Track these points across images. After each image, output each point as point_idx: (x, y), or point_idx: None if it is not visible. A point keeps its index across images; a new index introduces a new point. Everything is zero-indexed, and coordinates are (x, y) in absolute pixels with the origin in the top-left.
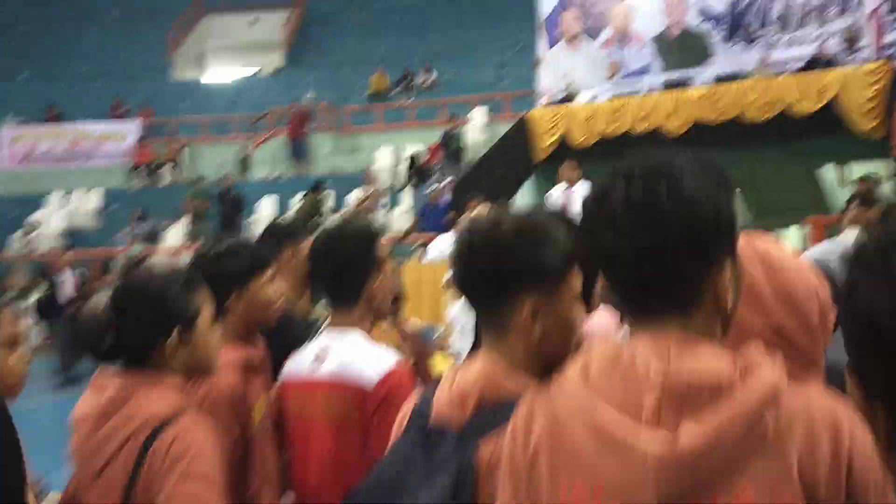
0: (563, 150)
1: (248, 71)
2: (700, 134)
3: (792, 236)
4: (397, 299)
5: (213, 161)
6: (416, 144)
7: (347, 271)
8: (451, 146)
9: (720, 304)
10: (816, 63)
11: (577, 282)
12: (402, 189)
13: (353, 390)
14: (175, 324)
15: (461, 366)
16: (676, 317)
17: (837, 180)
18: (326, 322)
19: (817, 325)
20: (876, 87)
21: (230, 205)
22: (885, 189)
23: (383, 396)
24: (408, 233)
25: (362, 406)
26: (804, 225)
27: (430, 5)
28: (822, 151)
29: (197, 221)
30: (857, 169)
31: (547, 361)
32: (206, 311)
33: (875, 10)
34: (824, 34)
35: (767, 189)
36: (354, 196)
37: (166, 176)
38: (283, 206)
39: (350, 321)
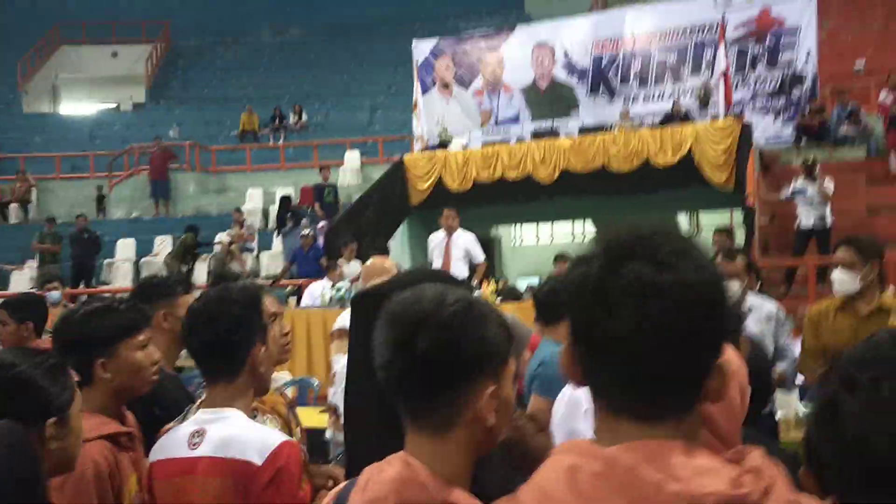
0: (439, 195)
1: (107, 106)
2: (569, 181)
3: None
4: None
5: (66, 200)
6: (287, 187)
7: (226, 342)
8: (325, 199)
9: (710, 401)
10: (673, 118)
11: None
12: (272, 232)
13: (237, 470)
14: (48, 417)
15: (375, 467)
16: (674, 419)
17: (691, 228)
18: (203, 397)
19: (739, 410)
20: (727, 141)
21: (85, 246)
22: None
23: (271, 477)
24: (278, 278)
25: (247, 488)
26: None
27: (302, 45)
28: (681, 200)
29: (46, 264)
30: (709, 217)
31: (479, 456)
32: (77, 395)
33: (725, 71)
34: (679, 91)
35: None
36: (220, 238)
37: (14, 215)
38: (141, 249)
39: (228, 397)
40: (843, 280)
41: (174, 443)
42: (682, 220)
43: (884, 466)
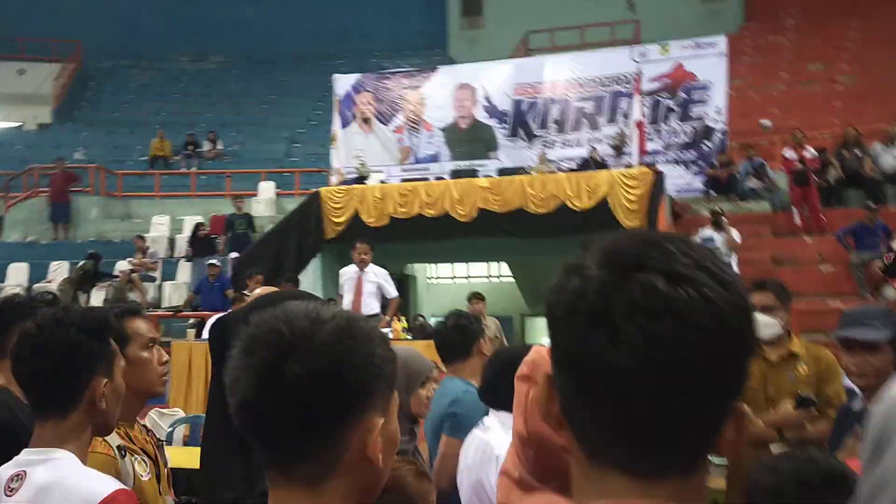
0: (355, 229)
1: (10, 125)
2: (486, 221)
3: None
4: None
5: None
6: (196, 216)
7: (59, 372)
8: (236, 229)
9: (724, 455)
10: (589, 164)
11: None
12: (177, 261)
13: None
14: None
15: None
16: (678, 477)
17: None
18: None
19: None
20: (640, 189)
21: None
22: None
23: None
24: (180, 309)
25: None
26: None
27: (221, 72)
28: None
29: None
30: None
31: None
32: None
33: (639, 121)
34: (595, 138)
35: (546, 276)
36: (121, 266)
37: None
38: (35, 274)
39: (59, 436)
40: (767, 323)
41: None
42: None
43: None
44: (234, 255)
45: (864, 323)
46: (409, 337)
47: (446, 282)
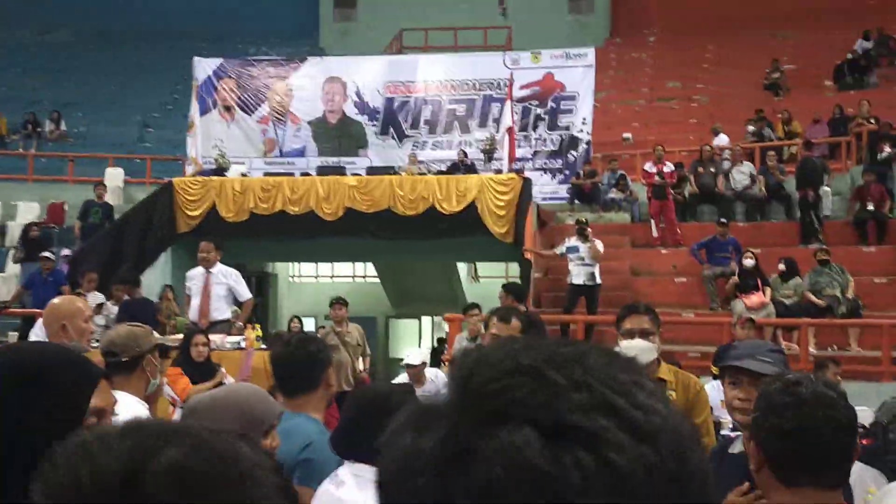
0: (211, 224)
1: None
2: (353, 221)
3: (426, 326)
4: None
5: None
6: (32, 202)
7: None
8: (91, 217)
9: None
10: (459, 167)
11: None
12: (7, 251)
13: None
14: None
15: None
16: None
17: (470, 276)
18: None
19: None
20: (508, 195)
21: None
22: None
23: None
24: (7, 305)
25: None
26: (444, 320)
27: (68, 47)
28: (463, 249)
29: None
30: (490, 268)
31: None
32: None
33: (510, 128)
34: (466, 142)
35: (412, 278)
36: None
37: None
38: None
39: None
40: (643, 348)
41: None
42: (462, 268)
43: None
44: (65, 251)
45: (757, 357)
46: (262, 346)
47: (309, 280)
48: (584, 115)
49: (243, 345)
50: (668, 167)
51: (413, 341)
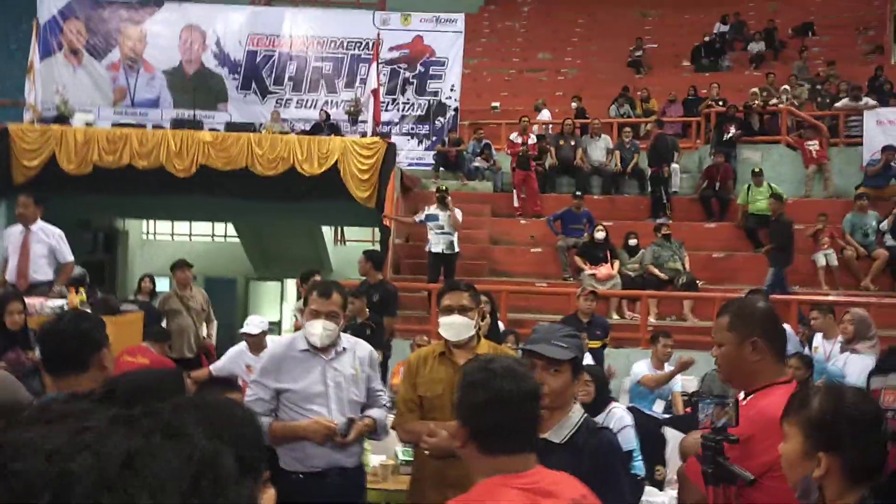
0: (51, 176)
1: None
2: (208, 178)
3: (290, 290)
4: None
5: None
6: None
7: None
8: None
9: None
10: (321, 128)
11: None
12: None
13: None
14: None
15: None
16: None
17: (335, 239)
18: None
19: None
20: (371, 159)
21: None
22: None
23: None
24: None
25: None
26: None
27: None
28: (325, 212)
29: None
30: (355, 232)
31: None
32: None
33: (376, 89)
34: (332, 101)
35: (274, 240)
36: None
37: None
38: None
39: None
40: (458, 325)
41: None
42: (328, 231)
43: None
44: None
45: (552, 342)
46: (88, 310)
47: (165, 239)
48: (453, 81)
49: (66, 308)
50: (532, 139)
51: (275, 304)
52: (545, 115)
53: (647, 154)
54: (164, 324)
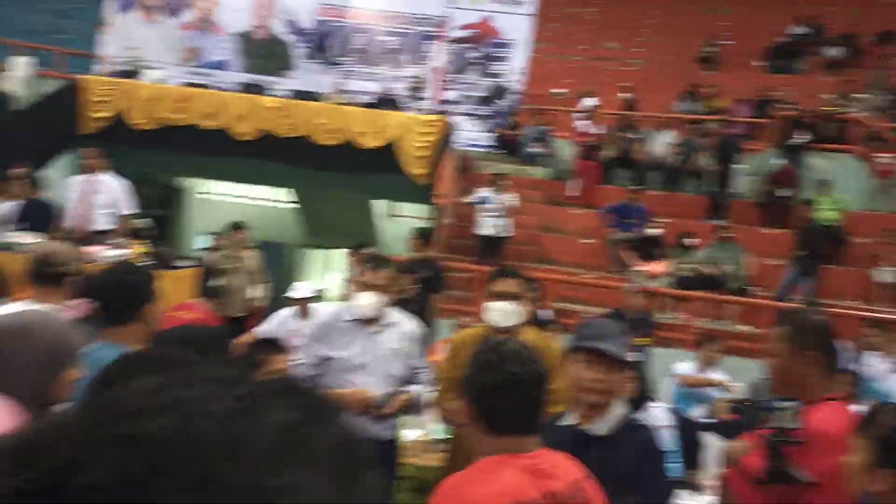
0: (118, 129)
1: None
2: (268, 144)
3: (340, 259)
4: None
5: None
6: None
7: None
8: None
9: None
10: (383, 102)
11: None
12: None
13: None
14: None
15: None
16: None
17: (387, 214)
18: None
19: None
20: (430, 137)
21: None
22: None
23: None
24: None
25: None
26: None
27: None
28: (380, 186)
29: None
30: (407, 206)
31: None
32: None
33: (440, 68)
34: (395, 77)
35: (327, 209)
36: None
37: None
38: None
39: None
40: (507, 312)
41: None
42: (381, 204)
43: None
44: None
45: (609, 338)
46: (151, 262)
47: (221, 199)
48: (518, 64)
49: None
50: (599, 128)
51: (322, 273)
52: (588, 103)
53: (709, 152)
54: (216, 282)
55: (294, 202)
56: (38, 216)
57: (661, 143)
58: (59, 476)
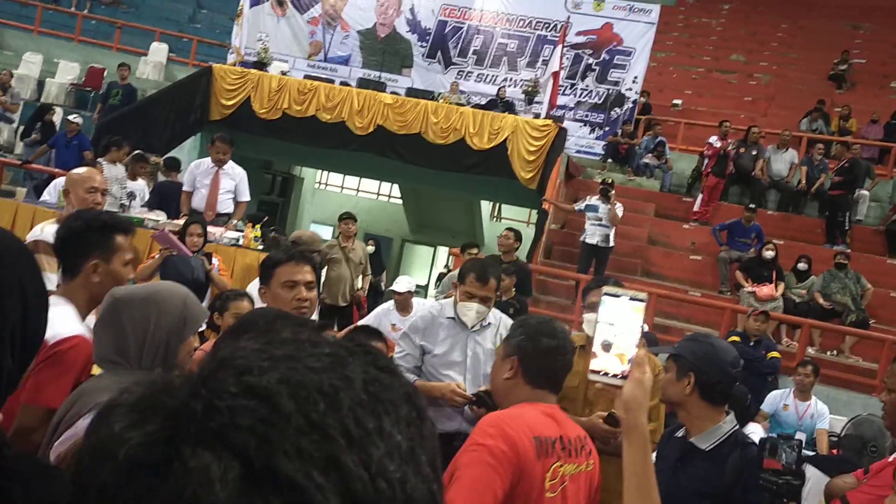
0: (243, 116)
1: None
2: (383, 139)
3: (441, 256)
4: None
5: None
6: (74, 63)
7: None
8: (111, 100)
9: None
10: (496, 104)
11: None
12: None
13: None
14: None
15: None
16: None
17: (492, 215)
18: None
19: None
20: (540, 141)
21: None
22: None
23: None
24: (30, 161)
25: None
26: (450, 253)
27: None
28: (487, 187)
29: None
30: (511, 209)
31: None
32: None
33: (556, 73)
34: (510, 80)
35: (434, 206)
36: None
37: None
38: None
39: (65, 292)
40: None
41: None
42: (486, 206)
43: None
44: (73, 116)
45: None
46: (259, 247)
47: (334, 190)
48: (637, 73)
49: (241, 242)
50: (732, 144)
51: (425, 268)
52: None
53: (834, 175)
54: (324, 271)
55: (402, 198)
56: (168, 197)
57: (783, 162)
58: (184, 422)
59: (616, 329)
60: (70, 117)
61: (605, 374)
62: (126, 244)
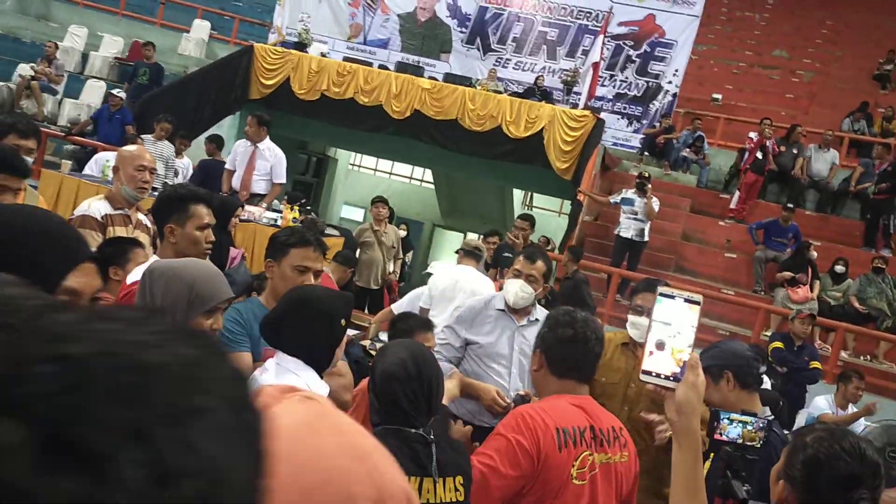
0: (282, 96)
1: None
2: (419, 124)
3: (472, 241)
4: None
5: None
6: (117, 37)
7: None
8: (138, 78)
9: None
10: (534, 92)
11: None
12: (88, 81)
13: None
14: None
15: None
16: None
17: (524, 203)
18: None
19: None
20: (577, 132)
21: None
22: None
23: None
24: (72, 132)
25: None
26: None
27: None
28: (520, 175)
29: None
30: (542, 199)
31: None
32: None
33: (596, 63)
34: (549, 69)
35: (466, 193)
36: (21, 70)
37: None
38: None
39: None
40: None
41: None
42: (518, 194)
43: None
44: (117, 90)
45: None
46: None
47: (367, 172)
48: (678, 66)
49: (279, 222)
50: (772, 143)
51: (454, 254)
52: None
53: (876, 177)
54: (357, 253)
55: (435, 182)
56: (212, 175)
57: (824, 162)
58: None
59: (671, 329)
60: (114, 91)
61: (658, 375)
62: (201, 212)
